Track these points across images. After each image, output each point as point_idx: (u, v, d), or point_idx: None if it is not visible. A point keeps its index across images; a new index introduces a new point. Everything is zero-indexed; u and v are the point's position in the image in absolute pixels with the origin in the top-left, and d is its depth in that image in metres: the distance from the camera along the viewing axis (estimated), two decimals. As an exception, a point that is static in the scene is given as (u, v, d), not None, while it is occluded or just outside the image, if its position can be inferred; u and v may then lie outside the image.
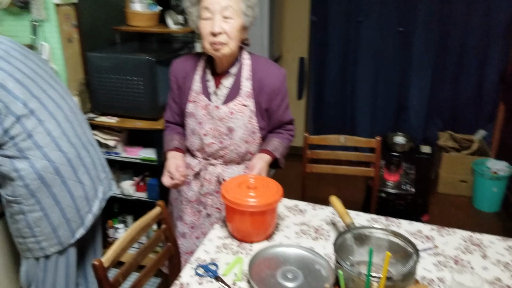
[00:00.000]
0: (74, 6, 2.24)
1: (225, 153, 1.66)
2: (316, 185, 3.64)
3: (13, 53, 1.55)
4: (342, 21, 3.66)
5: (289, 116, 1.72)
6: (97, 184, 1.74)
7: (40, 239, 1.59)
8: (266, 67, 1.61)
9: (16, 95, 1.46)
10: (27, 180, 1.51)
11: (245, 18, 1.50)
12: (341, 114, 3.98)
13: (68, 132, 1.61)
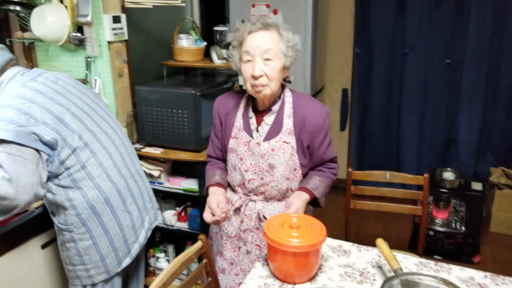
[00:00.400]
0: (125, 42, 2.35)
1: (265, 190, 1.65)
2: (361, 221, 3.54)
3: (70, 88, 1.64)
4: (387, 53, 3.62)
5: (332, 153, 1.69)
6: (144, 214, 1.78)
7: (88, 267, 1.64)
8: (308, 104, 1.60)
9: (73, 128, 1.54)
10: (79, 209, 1.57)
11: (285, 59, 1.51)
12: (386, 147, 3.87)
13: (118, 163, 1.68)
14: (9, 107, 1.44)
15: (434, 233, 2.85)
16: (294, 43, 1.52)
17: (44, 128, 1.45)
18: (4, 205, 1.39)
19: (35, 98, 1.49)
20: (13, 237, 1.69)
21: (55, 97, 1.55)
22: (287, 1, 3.22)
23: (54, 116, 1.50)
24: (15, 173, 1.38)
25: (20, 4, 2.13)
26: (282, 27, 1.51)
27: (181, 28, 2.75)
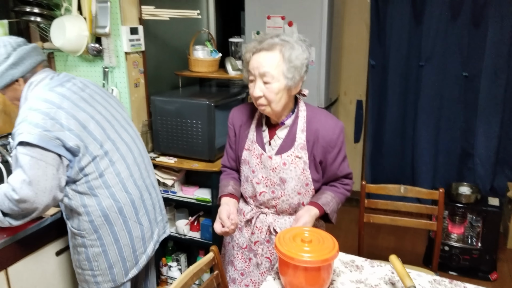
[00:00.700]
0: (142, 53, 2.38)
1: (276, 203, 1.64)
2: (375, 234, 3.50)
3: (96, 96, 1.68)
4: (402, 65, 3.60)
5: (346, 169, 1.65)
6: (154, 226, 1.79)
7: (96, 274, 1.66)
8: (322, 119, 1.58)
9: (95, 136, 1.57)
10: (93, 216, 1.59)
11: (286, 81, 1.45)
12: (400, 160, 3.83)
13: (134, 174, 1.70)
14: (36, 110, 1.47)
15: (450, 249, 2.80)
16: (297, 64, 1.45)
17: (68, 134, 1.48)
18: (23, 208, 1.43)
19: (62, 103, 1.52)
20: (29, 243, 1.72)
21: (81, 104, 1.58)
22: (303, 13, 3.24)
23: (79, 123, 1.53)
24: (35, 177, 1.41)
25: (41, 15, 2.18)
26: (287, 46, 1.45)
27: (197, 39, 2.78)
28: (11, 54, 1.56)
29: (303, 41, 1.49)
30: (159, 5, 2.58)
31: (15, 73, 1.57)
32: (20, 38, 1.64)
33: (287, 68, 1.44)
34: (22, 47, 1.60)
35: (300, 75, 1.48)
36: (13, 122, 2.21)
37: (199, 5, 3.25)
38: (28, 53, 1.60)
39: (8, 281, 1.65)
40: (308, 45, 1.51)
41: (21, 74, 1.59)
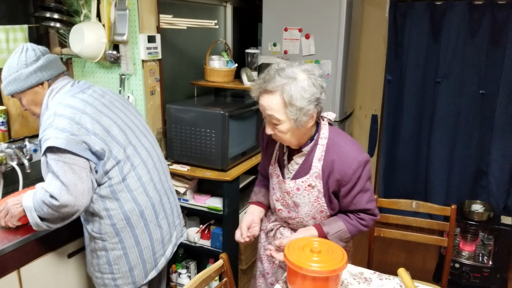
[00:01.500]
0: (158, 61, 2.42)
1: (292, 223, 1.67)
2: (385, 249, 3.47)
3: (116, 103, 1.72)
4: (419, 81, 3.58)
5: (363, 204, 1.54)
6: (172, 230, 1.84)
7: (116, 277, 1.68)
8: (340, 150, 1.49)
9: (118, 141, 1.60)
10: (115, 219, 1.62)
11: (293, 122, 1.40)
12: (414, 176, 3.79)
13: (154, 179, 1.73)
14: (62, 116, 1.51)
15: (460, 266, 2.75)
16: (306, 100, 1.37)
17: (94, 138, 1.52)
18: (65, 212, 1.48)
19: (85, 109, 1.56)
20: (41, 245, 1.74)
21: (104, 110, 1.62)
22: (320, 26, 3.26)
23: (103, 127, 1.57)
24: (72, 181, 1.45)
25: (60, 21, 2.23)
26: (289, 85, 1.36)
27: (214, 49, 2.82)
28: (40, 58, 1.63)
29: (310, 74, 1.39)
30: (177, 14, 2.63)
31: (43, 76, 1.63)
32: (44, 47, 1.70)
33: (290, 111, 1.38)
34: (50, 54, 1.68)
35: (307, 114, 1.40)
36: (30, 126, 2.27)
37: (217, 15, 3.29)
38: (54, 60, 1.68)
39: (20, 281, 1.67)
40: (318, 76, 1.41)
41: (48, 78, 1.64)
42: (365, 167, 1.49)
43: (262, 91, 1.42)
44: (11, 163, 2.06)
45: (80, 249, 1.92)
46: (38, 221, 1.51)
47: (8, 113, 2.17)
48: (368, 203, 1.54)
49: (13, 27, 2.13)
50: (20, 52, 1.62)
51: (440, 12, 3.36)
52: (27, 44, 1.65)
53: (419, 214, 2.39)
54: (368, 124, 3.98)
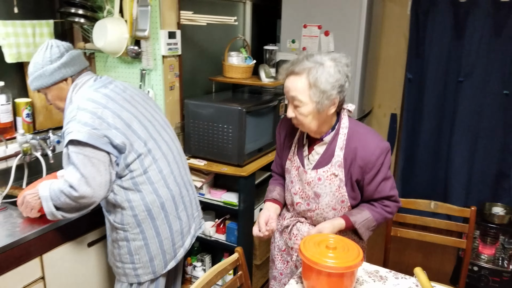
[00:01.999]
0: (178, 57, 2.45)
1: (311, 215, 1.66)
2: (402, 249, 3.44)
3: (136, 98, 1.76)
4: (440, 80, 3.53)
5: (387, 191, 1.57)
6: (191, 222, 1.87)
7: (137, 266, 1.73)
8: (362, 138, 1.52)
9: (139, 135, 1.64)
10: (137, 210, 1.66)
11: (315, 105, 1.43)
12: (433, 177, 3.73)
13: (174, 172, 1.77)
14: (84, 110, 1.55)
15: (479, 269, 2.71)
16: (330, 84, 1.41)
17: (115, 132, 1.56)
18: (82, 203, 1.52)
19: (107, 104, 1.60)
20: (63, 233, 1.79)
21: (125, 105, 1.66)
22: (340, 23, 3.24)
23: (124, 122, 1.60)
24: (90, 174, 1.49)
25: (85, 16, 2.28)
26: (316, 69, 1.41)
27: (232, 45, 2.83)
28: (64, 54, 1.67)
29: (337, 61, 1.44)
30: (197, 11, 2.65)
31: (66, 72, 1.67)
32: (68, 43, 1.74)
33: (314, 93, 1.42)
34: (73, 50, 1.72)
35: (329, 99, 1.43)
36: (53, 118, 2.32)
37: (236, 11, 3.31)
38: (78, 56, 1.72)
39: (42, 267, 1.73)
40: (344, 65, 1.45)
41: (72, 74, 1.68)
42: (387, 154, 1.53)
43: (289, 73, 1.46)
44: (35, 153, 2.12)
45: (100, 238, 1.97)
46: (53, 210, 1.53)
47: (33, 105, 2.23)
48: (392, 189, 1.57)
49: (39, 22, 2.19)
50: (45, 48, 1.66)
51: (464, 9, 3.30)
52: (52, 40, 1.69)
53: (438, 215, 2.37)
54: (387, 123, 3.94)
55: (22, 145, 2.07)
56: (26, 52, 2.13)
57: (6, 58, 2.05)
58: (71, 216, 1.59)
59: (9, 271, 1.59)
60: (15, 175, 2.02)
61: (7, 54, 2.05)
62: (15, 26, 2.07)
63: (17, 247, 1.59)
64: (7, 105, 2.08)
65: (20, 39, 2.10)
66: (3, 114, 2.06)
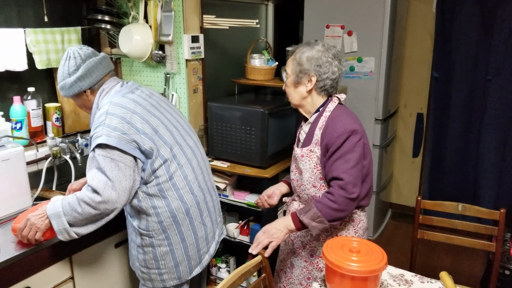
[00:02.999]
0: (201, 60, 2.47)
1: (300, 191, 1.79)
2: (430, 252, 3.37)
3: (162, 104, 1.77)
4: (468, 79, 3.44)
5: (338, 172, 1.58)
6: (215, 227, 1.87)
7: (162, 272, 1.73)
8: (336, 119, 1.64)
9: (165, 140, 1.64)
10: (162, 217, 1.66)
11: (294, 76, 1.69)
12: (461, 178, 3.64)
13: (199, 177, 1.76)
14: (113, 115, 1.56)
15: (510, 273, 2.63)
16: (308, 61, 1.65)
17: (143, 137, 1.56)
18: (103, 209, 1.48)
19: (136, 109, 1.61)
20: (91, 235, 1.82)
21: (152, 110, 1.68)
22: (363, 22, 3.21)
23: (151, 127, 1.61)
24: (117, 177, 1.48)
25: (111, 23, 2.33)
26: (303, 49, 1.68)
27: (255, 47, 2.84)
28: (80, 67, 1.65)
29: (325, 48, 1.67)
30: (220, 14, 2.68)
31: (83, 85, 1.67)
32: (90, 49, 1.73)
33: (294, 65, 1.68)
34: (91, 59, 1.68)
35: (305, 73, 1.66)
36: (81, 122, 2.39)
37: (258, 14, 3.32)
38: (95, 65, 1.68)
39: (71, 267, 1.78)
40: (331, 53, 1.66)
41: (88, 86, 1.68)
42: (350, 135, 1.58)
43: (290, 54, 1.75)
44: (64, 156, 2.18)
45: (126, 239, 2.00)
46: (67, 227, 1.48)
47: (63, 109, 2.30)
48: (344, 173, 1.57)
49: (67, 29, 2.25)
50: (64, 59, 1.68)
51: (491, 5, 3.21)
52: (71, 49, 1.69)
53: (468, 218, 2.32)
54: (413, 123, 3.88)
55: (52, 149, 2.13)
56: (55, 59, 2.20)
57: (37, 64, 2.12)
58: (85, 232, 1.52)
59: (40, 271, 1.64)
60: (45, 178, 2.09)
61: (37, 61, 2.12)
62: (44, 33, 2.14)
63: (47, 248, 1.64)
64: (37, 109, 2.15)
65: (49, 46, 2.16)
66: (34, 118, 2.14)
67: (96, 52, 1.74)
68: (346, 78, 3.38)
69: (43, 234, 1.56)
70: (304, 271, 1.81)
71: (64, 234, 1.50)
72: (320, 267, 1.76)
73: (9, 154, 1.81)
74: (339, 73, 1.68)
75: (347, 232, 1.73)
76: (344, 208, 1.56)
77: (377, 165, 3.45)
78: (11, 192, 1.83)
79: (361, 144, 1.60)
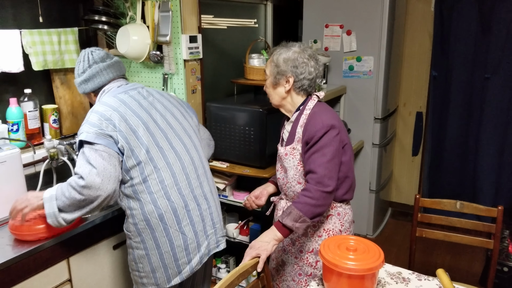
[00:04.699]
0: (200, 61, 2.47)
1: (285, 189, 1.82)
2: (429, 250, 3.37)
3: (157, 105, 1.77)
4: (466, 77, 3.44)
5: (315, 165, 1.60)
6: (202, 239, 1.75)
7: (142, 275, 1.73)
8: (316, 116, 1.67)
9: (142, 141, 1.63)
10: (136, 219, 1.66)
11: (272, 78, 1.74)
12: (461, 177, 3.64)
13: (181, 183, 1.70)
14: (96, 112, 1.61)
15: (509, 270, 2.62)
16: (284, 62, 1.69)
17: (118, 135, 1.58)
18: (86, 195, 1.48)
19: (119, 107, 1.64)
20: (89, 236, 1.84)
21: (137, 110, 1.68)
22: (362, 22, 3.21)
23: (129, 126, 1.62)
24: (101, 165, 1.51)
25: (108, 23, 2.33)
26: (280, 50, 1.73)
27: (253, 47, 2.84)
28: (86, 71, 1.74)
29: (302, 49, 1.71)
30: (218, 14, 2.67)
31: (86, 88, 1.77)
32: (102, 52, 1.78)
33: (272, 67, 1.73)
34: (97, 65, 1.74)
35: (282, 74, 1.70)
36: (79, 123, 2.38)
37: (257, 13, 3.32)
38: (100, 71, 1.74)
39: (69, 270, 1.77)
40: (307, 54, 1.70)
41: (91, 89, 1.77)
42: (328, 130, 1.61)
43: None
44: (62, 158, 2.18)
45: (124, 241, 2.00)
46: (55, 211, 1.52)
47: (60, 111, 2.30)
48: (320, 166, 1.60)
49: (64, 30, 2.25)
50: (78, 61, 1.78)
51: (489, 4, 3.21)
52: (85, 52, 1.76)
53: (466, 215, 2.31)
54: (412, 122, 3.88)
55: (50, 150, 2.13)
56: (52, 60, 2.20)
57: (33, 66, 2.12)
58: (71, 218, 1.54)
59: (38, 274, 1.63)
60: (43, 180, 2.09)
61: (34, 62, 2.12)
62: (41, 34, 2.13)
63: (44, 250, 1.64)
64: (34, 111, 2.15)
65: (46, 47, 2.16)
66: (31, 120, 2.14)
67: (110, 56, 1.80)
68: (345, 77, 3.38)
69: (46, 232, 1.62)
70: (295, 267, 1.82)
71: (52, 218, 1.54)
72: (310, 262, 1.77)
73: (5, 156, 1.81)
74: (315, 72, 1.72)
75: (333, 225, 1.74)
76: (322, 203, 1.59)
77: (376, 164, 3.45)
78: (7, 194, 1.82)
79: (338, 139, 1.63)
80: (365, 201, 3.50)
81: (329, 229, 1.74)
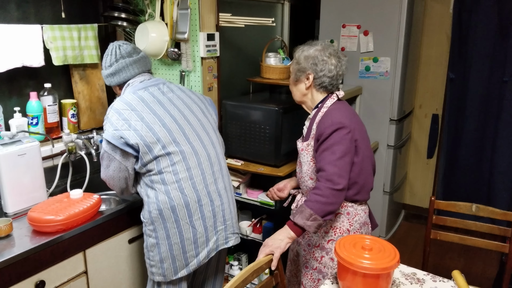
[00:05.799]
0: (217, 59, 2.49)
1: (300, 184, 1.87)
2: (442, 253, 3.34)
3: (176, 101, 1.80)
4: (484, 80, 3.39)
5: (325, 163, 1.61)
6: (211, 234, 1.77)
7: (151, 263, 1.77)
8: (328, 114, 1.70)
9: (159, 137, 1.67)
10: (151, 207, 1.71)
11: (293, 75, 1.80)
12: (476, 180, 3.58)
13: (195, 178, 1.73)
14: (115, 110, 1.68)
15: (526, 276, 2.59)
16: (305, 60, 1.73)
17: (132, 133, 1.63)
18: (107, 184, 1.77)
19: (136, 106, 1.69)
20: (105, 230, 1.86)
21: (154, 107, 1.72)
22: (379, 22, 3.20)
23: (145, 124, 1.66)
24: (105, 166, 1.72)
25: (127, 20, 2.36)
26: (303, 49, 1.78)
27: (270, 46, 2.85)
28: (113, 64, 1.80)
29: (324, 47, 1.75)
30: (236, 13, 2.69)
31: (112, 81, 1.83)
32: (130, 46, 1.83)
33: (294, 64, 1.79)
34: (124, 60, 1.79)
35: (302, 72, 1.75)
36: (97, 118, 2.42)
37: (274, 13, 3.32)
38: (126, 66, 1.80)
39: (85, 262, 1.80)
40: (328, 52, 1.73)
41: (116, 84, 1.83)
42: (338, 129, 1.62)
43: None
44: (80, 152, 2.21)
45: (140, 235, 2.03)
46: None
47: (78, 106, 2.33)
48: (329, 164, 1.60)
49: (84, 26, 2.29)
50: (106, 54, 1.83)
51: (509, 7, 3.16)
52: (113, 45, 1.82)
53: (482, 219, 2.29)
54: (428, 124, 3.84)
55: (68, 144, 2.17)
56: (72, 55, 2.23)
57: (54, 61, 2.16)
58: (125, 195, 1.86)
59: (55, 265, 1.67)
60: (60, 173, 2.13)
61: (54, 57, 2.15)
62: (61, 30, 2.17)
63: (61, 242, 1.67)
64: (53, 105, 2.18)
65: (66, 43, 2.20)
66: (50, 114, 2.17)
67: (137, 50, 1.85)
68: (362, 78, 3.36)
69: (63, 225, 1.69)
70: (303, 259, 1.87)
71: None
72: (315, 256, 1.80)
73: (25, 149, 1.84)
74: (336, 70, 1.73)
75: (341, 224, 1.75)
76: (332, 201, 1.58)
77: (391, 166, 3.43)
78: (26, 186, 1.87)
79: (349, 138, 1.62)
80: (379, 202, 3.48)
81: (336, 227, 1.75)
